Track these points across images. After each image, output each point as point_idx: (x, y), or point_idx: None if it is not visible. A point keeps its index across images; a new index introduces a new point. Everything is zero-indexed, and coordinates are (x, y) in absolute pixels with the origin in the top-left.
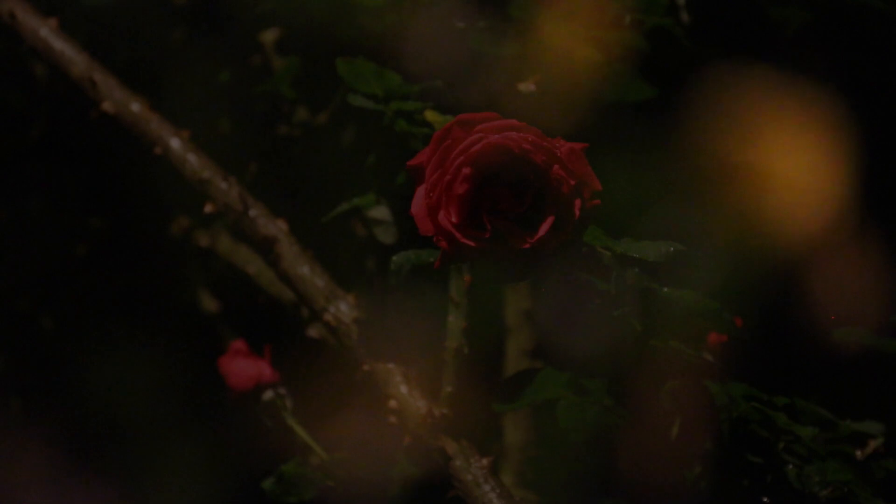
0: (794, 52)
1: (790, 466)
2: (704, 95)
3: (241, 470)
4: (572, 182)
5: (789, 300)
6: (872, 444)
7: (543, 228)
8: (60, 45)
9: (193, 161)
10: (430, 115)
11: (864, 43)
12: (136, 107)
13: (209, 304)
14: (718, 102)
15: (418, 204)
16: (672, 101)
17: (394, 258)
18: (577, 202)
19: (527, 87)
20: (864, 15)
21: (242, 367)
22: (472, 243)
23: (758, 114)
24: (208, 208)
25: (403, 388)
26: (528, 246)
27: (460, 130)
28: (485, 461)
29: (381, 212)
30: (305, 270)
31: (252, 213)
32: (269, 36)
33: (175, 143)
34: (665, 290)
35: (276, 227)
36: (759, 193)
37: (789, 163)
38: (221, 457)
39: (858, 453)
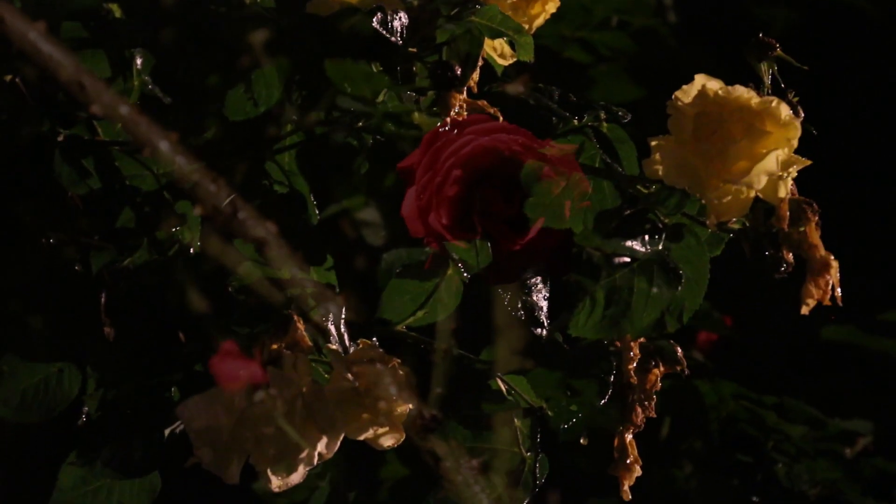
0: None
1: (779, 465)
2: None
3: None
4: (562, 184)
5: (778, 298)
6: (861, 443)
7: (534, 230)
8: (49, 49)
9: (182, 163)
10: (419, 118)
11: (849, 42)
12: (124, 109)
13: (199, 305)
14: None
15: (409, 205)
16: (660, 101)
17: (384, 256)
18: (568, 203)
19: (515, 88)
20: (850, 15)
21: (233, 367)
22: (462, 246)
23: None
24: (197, 211)
25: (393, 390)
26: (518, 248)
27: (451, 132)
28: (475, 462)
29: (369, 214)
30: (294, 272)
31: (241, 215)
32: (259, 37)
33: (164, 146)
34: (654, 290)
35: (265, 230)
36: (744, 189)
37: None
38: None
39: (847, 452)
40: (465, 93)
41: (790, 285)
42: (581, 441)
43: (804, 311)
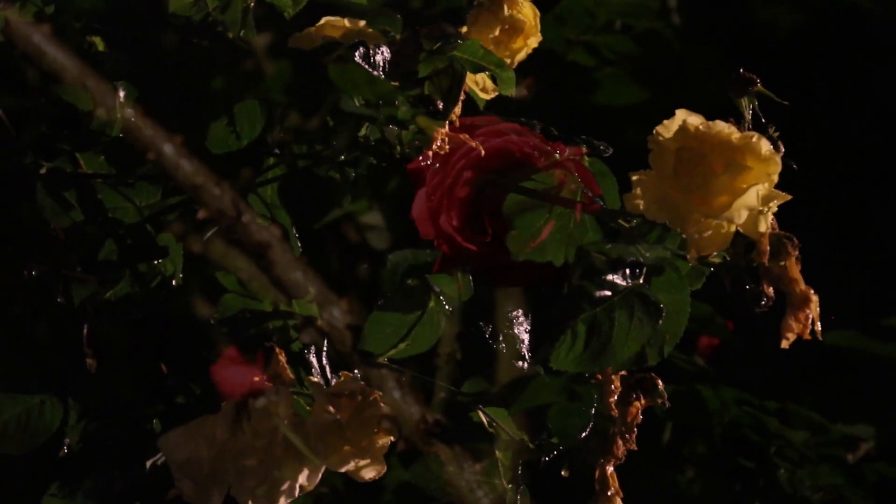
0: (785, 54)
1: (782, 470)
2: (696, 98)
3: None
4: (573, 186)
5: (780, 303)
6: (863, 448)
7: (545, 232)
8: (53, 51)
9: (186, 166)
10: (422, 121)
11: (855, 43)
12: (128, 112)
13: (202, 310)
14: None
15: (419, 207)
16: (664, 104)
17: (390, 257)
18: (578, 206)
19: (519, 91)
20: (855, 16)
21: (235, 374)
22: (473, 247)
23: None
24: (201, 214)
25: (397, 394)
26: (529, 249)
27: (462, 133)
28: (479, 467)
29: (373, 217)
30: (298, 276)
31: (245, 218)
32: (261, 40)
33: (168, 149)
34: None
35: (268, 233)
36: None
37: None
38: None
39: (850, 457)
40: (447, 127)
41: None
42: (563, 473)
43: (784, 344)
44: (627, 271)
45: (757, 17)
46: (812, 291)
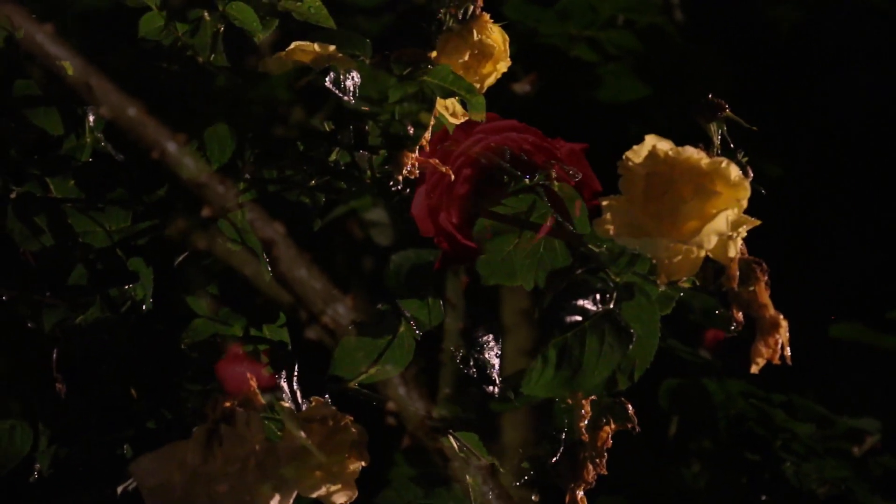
0: (787, 50)
1: (788, 464)
2: (698, 94)
3: None
4: (573, 183)
5: (786, 296)
6: (870, 441)
7: (543, 230)
8: (56, 50)
9: (190, 165)
10: (425, 117)
11: (860, 41)
12: (132, 111)
13: (207, 307)
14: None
15: (419, 205)
16: (667, 99)
17: (393, 257)
18: (578, 203)
19: (522, 87)
20: (861, 13)
21: (240, 371)
22: (473, 244)
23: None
24: (205, 212)
25: (402, 390)
26: (528, 247)
27: (460, 131)
28: (484, 462)
29: (378, 214)
30: (303, 273)
31: (249, 216)
32: (265, 38)
33: (172, 147)
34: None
35: (273, 230)
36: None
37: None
38: None
39: (856, 450)
40: (417, 151)
41: (797, 285)
42: (533, 497)
43: (754, 369)
44: (598, 296)
45: (760, 14)
46: (781, 317)
